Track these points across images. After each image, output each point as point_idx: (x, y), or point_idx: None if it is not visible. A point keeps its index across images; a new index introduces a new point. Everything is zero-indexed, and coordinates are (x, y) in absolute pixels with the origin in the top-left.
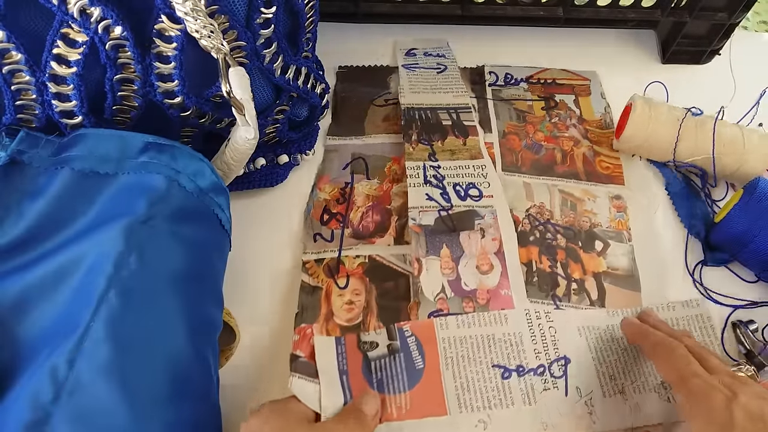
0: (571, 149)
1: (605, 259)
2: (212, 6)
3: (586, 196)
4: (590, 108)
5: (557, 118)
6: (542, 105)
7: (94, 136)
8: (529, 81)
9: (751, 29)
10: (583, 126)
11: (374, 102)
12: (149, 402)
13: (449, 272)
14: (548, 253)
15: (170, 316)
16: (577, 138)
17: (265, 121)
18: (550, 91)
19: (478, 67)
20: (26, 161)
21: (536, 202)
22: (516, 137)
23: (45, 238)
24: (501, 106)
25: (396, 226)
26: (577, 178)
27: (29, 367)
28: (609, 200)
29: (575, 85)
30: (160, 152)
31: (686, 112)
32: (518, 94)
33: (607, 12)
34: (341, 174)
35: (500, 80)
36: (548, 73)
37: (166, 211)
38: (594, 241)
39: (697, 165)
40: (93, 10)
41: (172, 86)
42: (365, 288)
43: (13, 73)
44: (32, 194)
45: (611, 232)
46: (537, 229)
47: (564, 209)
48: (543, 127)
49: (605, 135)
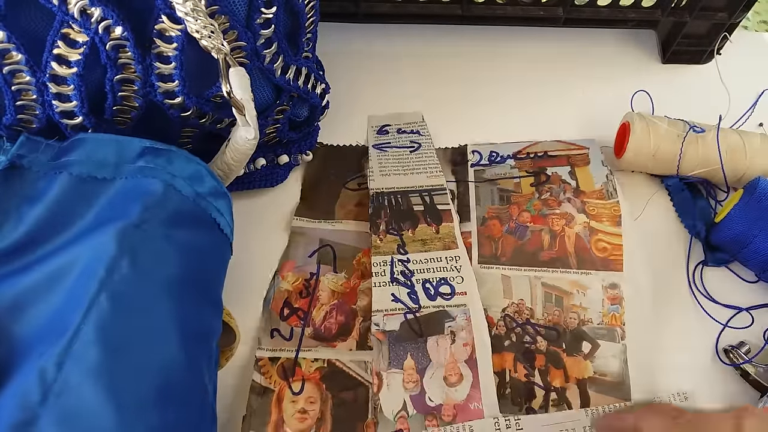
0: (562, 229)
1: (592, 363)
2: (212, 6)
3: (575, 288)
4: (589, 178)
5: (548, 193)
6: (531, 181)
7: (93, 141)
8: (517, 157)
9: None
10: (580, 199)
11: (347, 185)
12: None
13: (412, 386)
14: (525, 359)
15: (162, 320)
16: (570, 215)
17: (266, 121)
18: (540, 164)
19: (460, 146)
20: (26, 166)
21: (515, 300)
22: (497, 222)
23: (43, 242)
24: (483, 188)
25: (360, 328)
26: (566, 266)
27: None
28: (603, 291)
29: (571, 156)
30: (156, 156)
31: (685, 126)
32: (504, 173)
33: (607, 12)
34: (306, 262)
35: (484, 159)
36: (539, 146)
37: (161, 216)
38: (581, 342)
39: (702, 177)
40: (93, 11)
41: (173, 86)
42: (321, 396)
43: (14, 74)
44: (31, 199)
45: (602, 329)
46: (513, 331)
47: (548, 305)
48: (530, 205)
49: (607, 207)
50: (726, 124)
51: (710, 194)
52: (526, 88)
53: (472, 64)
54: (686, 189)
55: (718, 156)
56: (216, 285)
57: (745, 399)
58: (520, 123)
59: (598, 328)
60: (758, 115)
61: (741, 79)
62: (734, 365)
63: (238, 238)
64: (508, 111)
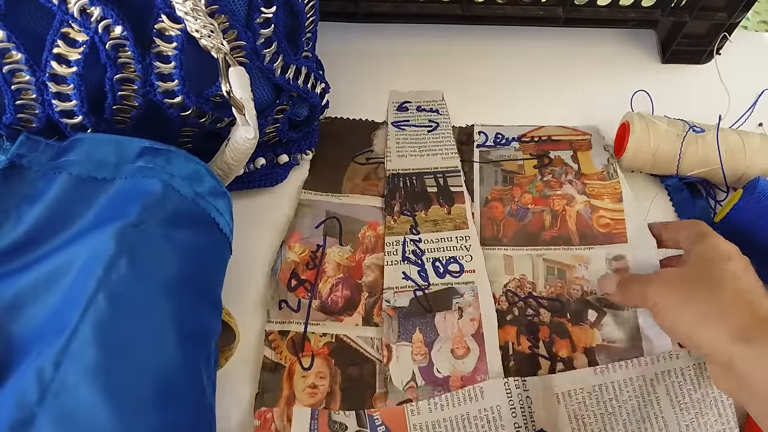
0: (563, 209)
1: (600, 331)
2: (212, 6)
3: (578, 262)
4: (590, 161)
5: (550, 175)
6: (534, 163)
7: (92, 141)
8: (521, 140)
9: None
10: (581, 180)
11: (355, 159)
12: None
13: (421, 358)
14: (528, 332)
15: (160, 320)
16: (571, 195)
17: (265, 120)
18: (544, 148)
19: (467, 126)
20: (26, 165)
21: (516, 275)
22: (499, 204)
23: (42, 242)
24: (487, 169)
25: (365, 304)
26: (568, 243)
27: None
28: (607, 263)
29: (573, 140)
30: (155, 156)
31: (685, 126)
32: (508, 155)
33: (607, 12)
34: (313, 233)
35: (489, 140)
36: (543, 131)
37: (159, 216)
38: (586, 310)
39: (701, 177)
40: (93, 10)
41: (172, 86)
42: (330, 371)
43: (13, 73)
44: (31, 198)
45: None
46: (516, 305)
47: (550, 278)
48: (532, 187)
49: (607, 187)
50: (726, 124)
51: (710, 194)
52: (526, 87)
53: (472, 64)
54: (686, 189)
55: (717, 156)
56: (215, 285)
57: None
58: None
59: (604, 297)
60: (758, 115)
61: (741, 79)
62: None
63: (237, 238)
64: (507, 111)
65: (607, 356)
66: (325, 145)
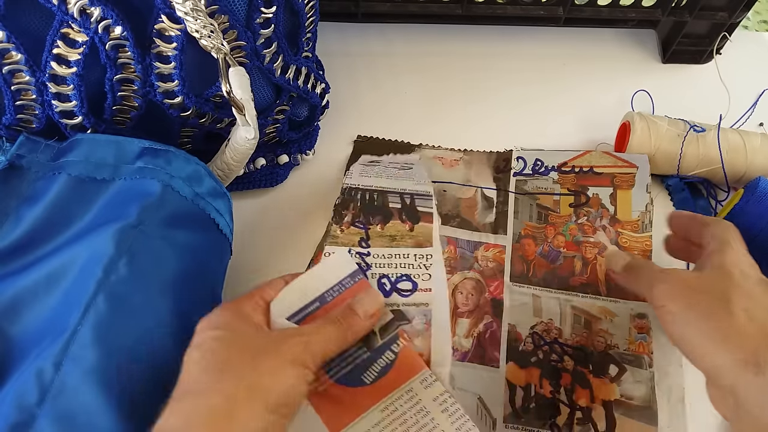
0: (594, 257)
1: (619, 386)
2: (212, 6)
3: (604, 314)
4: (628, 205)
5: (585, 218)
6: (571, 200)
7: (91, 142)
8: (562, 170)
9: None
10: (615, 228)
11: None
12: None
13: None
14: (551, 376)
15: (160, 321)
16: (603, 244)
17: (265, 121)
18: (583, 182)
19: (505, 151)
20: (25, 166)
21: (544, 319)
22: (532, 242)
23: (41, 243)
24: (523, 201)
25: None
26: (596, 293)
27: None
28: (630, 319)
29: (616, 175)
30: (155, 157)
31: (686, 126)
32: (545, 187)
33: (608, 12)
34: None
35: (528, 168)
36: (586, 159)
37: (159, 216)
38: (608, 364)
39: (702, 176)
40: (93, 10)
41: (172, 86)
42: None
43: (13, 73)
44: (30, 199)
45: (629, 355)
46: (541, 349)
47: (576, 327)
48: (566, 229)
49: (640, 241)
50: (726, 123)
51: (711, 194)
52: (525, 88)
53: (472, 64)
54: (686, 189)
55: (718, 156)
56: (215, 285)
57: None
58: (519, 123)
59: (625, 353)
60: (758, 115)
61: (741, 79)
62: None
63: (237, 238)
64: (507, 111)
65: (624, 412)
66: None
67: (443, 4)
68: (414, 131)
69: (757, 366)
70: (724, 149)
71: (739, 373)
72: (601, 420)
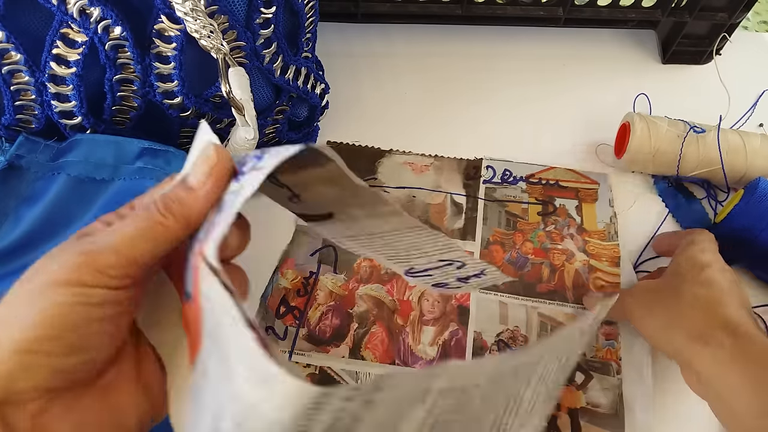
0: (562, 264)
1: (585, 394)
2: (212, 6)
3: (571, 321)
4: (593, 217)
5: (553, 226)
6: (539, 209)
7: (91, 142)
8: (529, 181)
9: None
10: (583, 237)
11: None
12: None
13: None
14: None
15: None
16: (571, 251)
17: (265, 121)
18: (550, 193)
19: (475, 159)
20: (24, 166)
21: (510, 326)
22: (500, 248)
23: (41, 243)
24: (492, 208)
25: (354, 335)
26: (563, 300)
27: None
28: (597, 326)
29: (580, 189)
30: (154, 157)
31: (686, 126)
32: (514, 195)
33: (608, 12)
34: (307, 261)
35: (497, 177)
36: (552, 173)
37: None
38: (574, 372)
39: (702, 177)
40: (92, 10)
41: (172, 86)
42: None
43: (13, 74)
44: (29, 199)
45: (596, 362)
46: None
47: (542, 334)
48: (534, 236)
49: (607, 248)
50: (726, 124)
51: (710, 195)
52: (525, 88)
53: (472, 64)
54: (679, 193)
55: (718, 156)
56: None
57: None
58: (519, 123)
59: (592, 360)
60: (758, 115)
61: (741, 79)
62: None
63: None
64: (507, 111)
65: (590, 419)
66: None
67: (443, 5)
68: (414, 131)
69: (703, 338)
70: (724, 150)
71: (692, 347)
72: (567, 428)
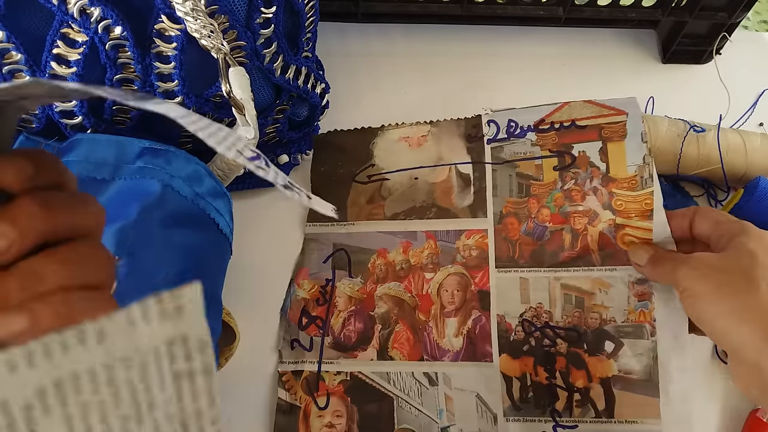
0: (584, 228)
1: (616, 362)
2: (212, 6)
3: (597, 287)
4: (623, 159)
5: (573, 181)
6: (555, 163)
7: (91, 142)
8: (539, 129)
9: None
10: (609, 189)
11: (356, 179)
12: None
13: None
14: (545, 362)
15: None
16: (594, 212)
17: (265, 121)
18: (566, 140)
19: (473, 117)
20: None
21: (533, 304)
22: (515, 220)
23: None
24: (501, 173)
25: (380, 337)
26: (589, 264)
27: None
28: (628, 287)
29: (604, 126)
30: (155, 157)
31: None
32: (524, 152)
33: (608, 12)
34: (322, 268)
35: (502, 132)
36: (566, 111)
37: (159, 216)
38: (603, 341)
39: (702, 176)
40: (93, 10)
41: (172, 86)
42: (346, 410)
43: (13, 73)
44: None
45: (628, 326)
46: (532, 336)
47: (567, 307)
48: (550, 200)
49: (638, 200)
50: (726, 124)
51: (710, 194)
52: (525, 87)
53: (472, 64)
54: (677, 193)
55: (718, 156)
56: (215, 284)
57: (745, 398)
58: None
59: (623, 326)
60: (758, 115)
61: (741, 79)
62: None
63: (237, 238)
64: None
65: (623, 387)
66: (323, 167)
67: (443, 4)
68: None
69: None
70: (723, 149)
71: (764, 348)
72: (600, 399)
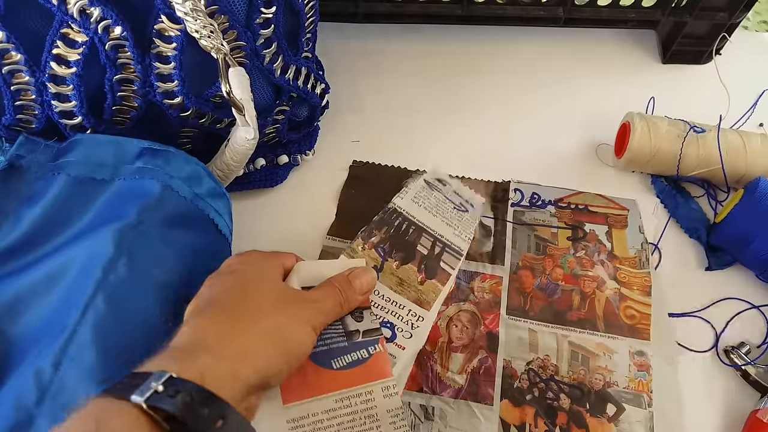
0: (593, 291)
1: (617, 427)
2: (212, 6)
3: (602, 350)
4: (624, 243)
5: (584, 251)
6: (568, 234)
7: (91, 142)
8: (558, 204)
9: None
10: (613, 264)
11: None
12: None
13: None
14: (547, 415)
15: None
16: (602, 279)
17: (265, 121)
18: (579, 218)
19: (503, 182)
20: (24, 166)
21: (540, 355)
22: (530, 274)
23: (41, 243)
24: (521, 232)
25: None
26: (594, 328)
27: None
28: (629, 356)
29: (610, 215)
30: (154, 157)
31: (686, 126)
32: (543, 219)
33: (608, 12)
34: None
35: (525, 200)
36: (581, 198)
37: (158, 217)
38: (606, 403)
39: (702, 177)
40: (93, 11)
41: (172, 86)
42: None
43: (13, 74)
44: (30, 199)
45: (628, 393)
46: (537, 386)
47: (573, 364)
48: (564, 262)
49: (638, 276)
50: (726, 124)
51: (710, 194)
52: (525, 87)
53: (472, 64)
54: (678, 193)
55: (718, 156)
56: None
57: (745, 398)
58: (519, 123)
59: (625, 392)
60: (758, 115)
61: (741, 79)
62: (735, 366)
63: (237, 239)
64: (507, 111)
65: None
66: (355, 191)
67: (443, 5)
68: (414, 132)
69: None
70: (724, 150)
71: None
72: None
